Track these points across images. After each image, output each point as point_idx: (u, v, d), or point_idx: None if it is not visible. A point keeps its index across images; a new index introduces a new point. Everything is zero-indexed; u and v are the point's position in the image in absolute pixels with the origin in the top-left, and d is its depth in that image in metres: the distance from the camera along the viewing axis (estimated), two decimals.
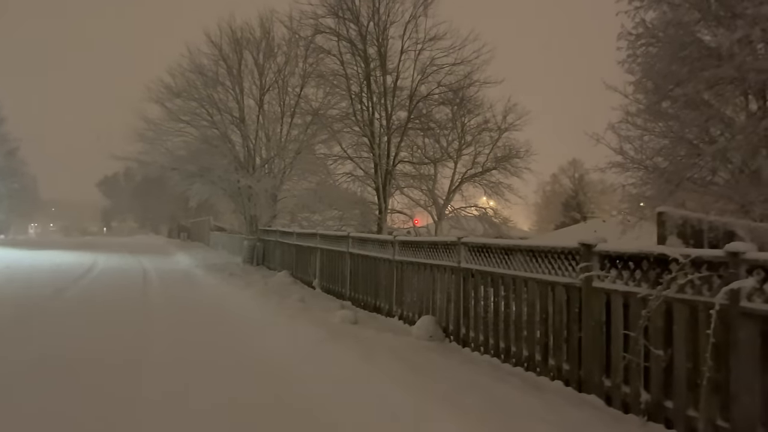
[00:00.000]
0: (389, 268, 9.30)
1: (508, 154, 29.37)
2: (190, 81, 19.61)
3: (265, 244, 19.09)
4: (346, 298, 11.16)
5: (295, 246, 15.10)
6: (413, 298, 8.46)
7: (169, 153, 19.53)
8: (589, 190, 54.35)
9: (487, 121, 28.99)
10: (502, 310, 6.29)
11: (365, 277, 10.34)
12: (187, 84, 19.57)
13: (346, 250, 11.29)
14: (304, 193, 21.35)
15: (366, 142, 25.70)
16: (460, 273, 7.14)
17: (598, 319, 4.85)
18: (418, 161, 27.58)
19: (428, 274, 8.04)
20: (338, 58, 24.07)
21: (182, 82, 19.63)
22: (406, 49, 25.59)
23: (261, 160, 20.75)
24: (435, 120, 27.69)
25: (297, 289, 12.93)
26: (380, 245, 9.74)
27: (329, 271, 12.32)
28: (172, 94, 19.30)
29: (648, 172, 15.85)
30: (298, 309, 9.51)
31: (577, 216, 48.21)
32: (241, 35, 20.24)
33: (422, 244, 8.25)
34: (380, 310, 9.58)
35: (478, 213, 30.66)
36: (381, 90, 25.44)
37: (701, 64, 9.08)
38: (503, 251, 6.25)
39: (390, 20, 25.08)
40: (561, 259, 5.35)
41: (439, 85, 26.01)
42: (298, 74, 21.22)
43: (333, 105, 23.73)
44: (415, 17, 25.13)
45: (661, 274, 4.22)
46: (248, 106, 20.71)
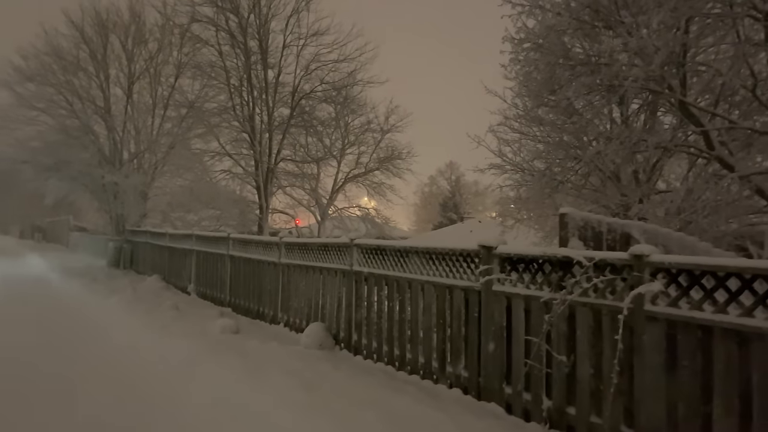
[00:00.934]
0: (274, 271, 8.72)
1: (391, 155, 29.72)
2: (45, 64, 17.46)
3: (133, 246, 17.52)
4: (225, 304, 10.39)
5: (168, 248, 13.94)
6: (301, 304, 7.96)
7: (19, 144, 17.26)
8: (465, 192, 56.55)
9: (370, 122, 29.12)
10: (397, 316, 6.00)
11: (247, 282, 9.66)
12: (42, 68, 17.41)
13: (225, 252, 10.50)
14: (179, 191, 19.92)
15: (246, 139, 24.64)
16: (352, 276, 6.76)
17: (498, 324, 4.68)
18: (301, 160, 27.00)
19: (317, 277, 7.58)
20: (217, 49, 22.83)
21: (36, 65, 17.44)
22: (289, 43, 24.93)
23: (129, 155, 19.04)
24: (318, 118, 27.28)
25: (170, 295, 11.88)
26: (265, 247, 9.12)
27: (207, 276, 11.43)
28: (24, 78, 17.07)
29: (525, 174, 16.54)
30: (172, 318, 8.64)
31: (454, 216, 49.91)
32: (107, 17, 18.44)
33: (311, 246, 7.78)
34: (264, 316, 8.96)
35: (361, 213, 30.73)
36: (262, 85, 24.54)
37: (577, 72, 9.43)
38: (399, 253, 5.96)
39: (272, 13, 24.28)
40: (460, 262, 5.15)
41: (323, 82, 25.62)
42: (173, 63, 19.75)
43: (211, 98, 22.47)
44: (297, 11, 24.53)
45: (564, 278, 4.11)
46: (115, 95, 18.91)
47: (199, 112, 20.96)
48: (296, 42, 24.87)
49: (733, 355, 3.13)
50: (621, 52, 8.77)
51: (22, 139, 17.41)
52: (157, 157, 18.73)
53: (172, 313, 9.13)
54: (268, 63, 24.33)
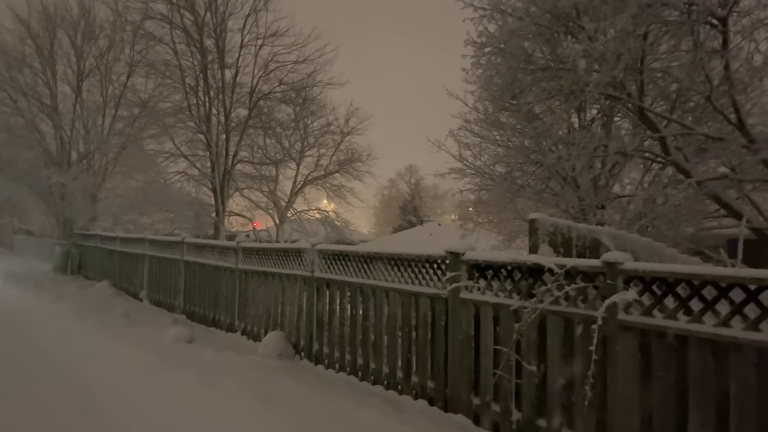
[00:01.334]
0: (231, 277, 8.39)
1: (351, 158, 29.51)
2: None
3: (82, 250, 16.77)
4: (179, 311, 9.97)
5: (119, 252, 13.35)
6: (259, 311, 7.66)
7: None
8: (424, 195, 56.74)
9: (330, 124, 28.88)
10: (360, 324, 5.79)
11: (202, 288, 9.28)
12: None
13: (180, 257, 10.09)
14: (131, 193, 19.19)
15: (202, 140, 24.03)
16: (313, 283, 6.51)
17: (466, 333, 4.53)
18: (259, 161, 26.50)
19: (277, 284, 7.30)
20: (171, 48, 22.20)
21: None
22: (246, 43, 24.48)
23: (78, 155, 18.21)
24: (277, 120, 26.87)
25: (121, 302, 11.35)
26: (221, 253, 8.78)
27: (160, 281, 10.97)
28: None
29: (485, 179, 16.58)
30: (122, 326, 8.20)
31: (414, 220, 50.00)
32: (55, 12, 17.60)
33: (271, 252, 7.49)
34: (220, 324, 8.61)
35: (321, 216, 30.40)
36: (219, 85, 24.00)
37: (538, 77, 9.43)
38: (363, 259, 5.75)
39: (229, 11, 23.79)
40: (426, 268, 4.98)
41: (281, 83, 25.24)
42: (125, 61, 19.04)
43: (165, 97, 21.80)
44: (255, 10, 24.12)
45: (534, 285, 3.99)
46: (63, 92, 18.07)
47: (153, 112, 20.29)
48: (254, 42, 24.45)
49: (709, 365, 3.05)
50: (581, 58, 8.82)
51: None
52: (107, 157, 17.99)
53: (123, 321, 8.69)
54: (225, 62, 23.82)
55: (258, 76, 24.83)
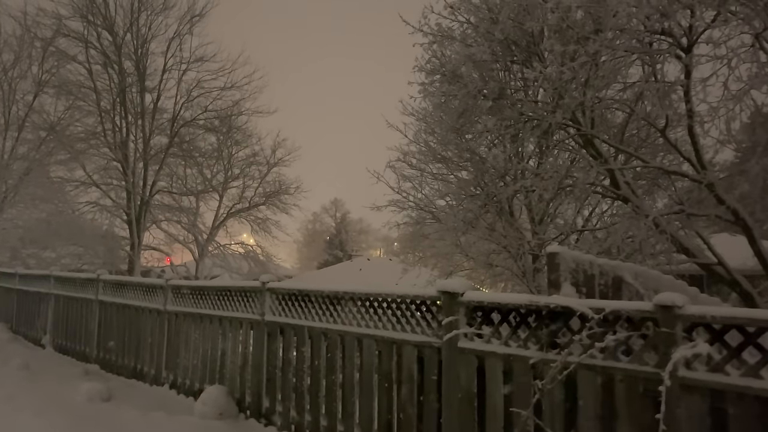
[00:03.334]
0: (158, 321, 7.22)
1: (278, 190, 28.48)
2: None
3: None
4: (92, 360, 8.58)
5: (17, 291, 11.63)
6: (193, 361, 6.55)
7: None
8: (350, 229, 55.99)
9: (256, 154, 27.81)
10: (324, 376, 4.90)
11: (122, 333, 8.00)
12: None
13: (94, 297, 8.74)
14: (34, 225, 17.19)
15: (118, 168, 22.27)
16: (263, 328, 5.56)
17: (466, 390, 3.78)
18: (179, 192, 24.89)
19: (216, 329, 6.26)
20: (86, 68, 20.52)
21: None
22: (170, 67, 23.16)
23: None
24: (199, 148, 25.52)
25: (18, 349, 9.73)
26: (146, 291, 7.59)
27: (68, 325, 9.50)
28: None
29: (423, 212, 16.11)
30: (22, 382, 6.80)
31: (340, 254, 49.02)
32: None
33: (209, 291, 6.45)
34: (144, 376, 7.37)
35: (244, 250, 28.98)
36: (138, 110, 22.44)
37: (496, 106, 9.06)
38: (328, 300, 4.90)
39: (152, 34, 22.48)
40: (411, 311, 4.21)
41: (206, 110, 23.99)
42: (32, 79, 17.29)
43: (76, 120, 20.06)
44: (179, 34, 22.92)
45: (558, 333, 3.32)
46: None
47: (62, 136, 18.53)
48: (178, 66, 23.16)
49: None
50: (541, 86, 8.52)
51: None
52: (7, 184, 16.05)
53: (22, 375, 7.27)
54: (145, 86, 22.34)
55: (181, 102, 23.49)
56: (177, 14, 22.37)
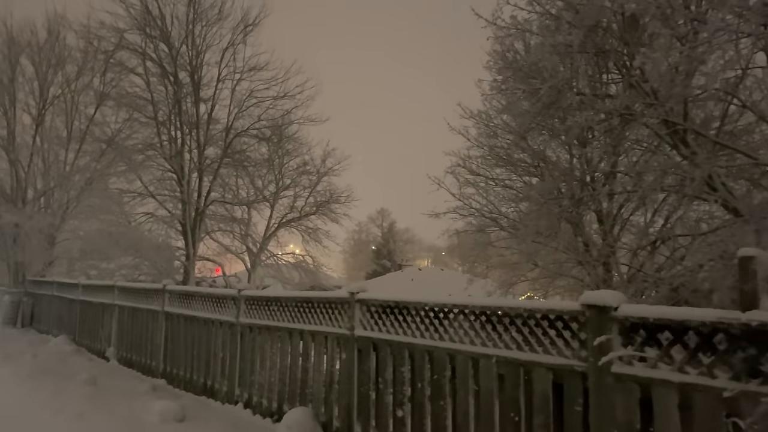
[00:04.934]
0: (230, 334, 6.77)
1: (329, 199, 28.14)
2: None
3: (35, 300, 14.70)
4: (158, 374, 8.21)
5: (80, 302, 11.48)
6: (271, 378, 6.05)
7: None
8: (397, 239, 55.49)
9: (306, 164, 27.57)
10: (429, 402, 4.29)
11: (190, 346, 7.59)
12: None
13: (159, 308, 8.39)
14: (95, 235, 17.24)
15: (173, 178, 22.34)
16: (353, 344, 5.00)
17: (627, 426, 3.10)
18: (234, 202, 24.85)
19: (296, 344, 5.75)
20: (144, 79, 20.67)
21: None
22: (224, 77, 23.15)
23: (35, 193, 16.32)
24: (251, 159, 25.42)
25: (83, 362, 9.51)
26: (216, 303, 7.16)
27: (133, 337, 9.20)
28: None
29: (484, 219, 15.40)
30: (90, 399, 6.44)
31: (388, 264, 48.48)
32: (20, 35, 15.98)
33: (287, 302, 5.94)
34: (215, 393, 6.92)
35: (295, 260, 28.76)
36: (193, 120, 22.47)
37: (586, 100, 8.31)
38: (433, 313, 4.30)
39: (206, 44, 22.52)
40: (544, 328, 3.57)
41: (259, 119, 23.86)
42: (93, 91, 17.42)
43: (134, 132, 20.13)
44: (233, 44, 22.91)
45: (761, 358, 2.63)
46: (22, 123, 16.30)
47: (121, 148, 18.61)
48: (232, 76, 23.14)
49: None
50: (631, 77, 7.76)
51: None
52: (69, 194, 16.13)
53: (89, 391, 6.92)
54: (200, 97, 22.39)
55: (234, 113, 23.46)
56: (231, 24, 22.40)
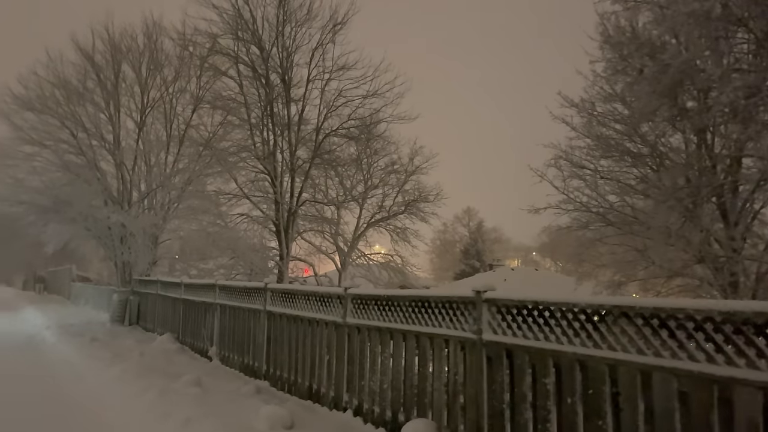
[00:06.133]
0: (336, 335, 6.35)
1: (417, 198, 27.63)
2: (48, 93, 15.53)
3: (141, 299, 15.19)
4: (261, 375, 7.98)
5: (183, 301, 11.59)
6: (383, 385, 5.54)
7: (17, 182, 15.15)
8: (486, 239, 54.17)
9: (394, 163, 27.20)
10: (582, 422, 3.61)
11: (293, 347, 7.27)
12: (44, 96, 15.47)
13: (261, 307, 8.15)
14: (195, 235, 17.64)
15: (266, 179, 22.61)
16: (481, 349, 4.39)
17: None
18: (326, 201, 24.91)
19: (412, 348, 5.21)
20: (236, 81, 21.03)
21: (38, 94, 15.50)
22: (313, 78, 23.12)
23: (139, 194, 16.91)
24: (340, 158, 25.33)
25: (187, 361, 9.50)
26: (320, 302, 6.77)
27: (235, 336, 9.05)
28: (23, 107, 15.09)
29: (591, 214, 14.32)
30: (196, 402, 6.22)
31: (477, 264, 47.33)
32: (121, 41, 16.62)
33: (399, 302, 5.42)
34: (321, 398, 6.53)
35: (384, 260, 28.47)
36: (284, 122, 22.65)
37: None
38: (584, 315, 3.61)
39: (296, 45, 22.58)
40: (748, 335, 2.80)
41: (349, 118, 23.67)
42: (190, 94, 17.87)
43: (228, 134, 20.51)
44: (322, 44, 22.83)
45: None
46: (125, 128, 16.94)
47: (216, 150, 18.98)
48: (321, 76, 23.08)
49: None
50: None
51: (19, 178, 15.30)
52: (170, 196, 16.57)
53: (195, 392, 6.72)
54: (290, 98, 22.52)
55: (324, 113, 23.43)
56: (320, 24, 22.33)
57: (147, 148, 16.97)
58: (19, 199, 15.37)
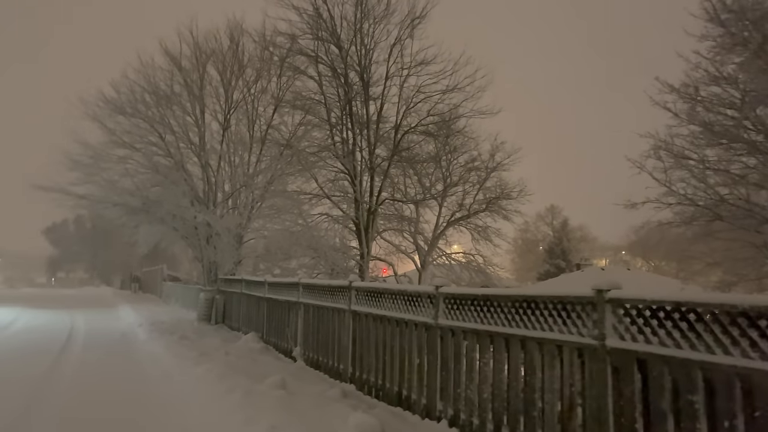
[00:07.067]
0: (428, 337, 5.85)
1: (500, 195, 26.58)
2: (139, 96, 16.08)
3: (226, 297, 15.35)
4: (346, 378, 7.61)
5: (266, 300, 11.50)
6: (483, 394, 4.98)
7: (110, 184, 15.76)
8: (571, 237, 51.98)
9: (474, 160, 26.30)
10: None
11: (380, 349, 6.84)
12: (135, 100, 16.02)
13: (346, 306, 7.80)
14: (278, 235, 17.70)
15: (346, 179, 22.49)
16: (604, 358, 3.75)
17: None
18: (407, 200, 24.49)
19: (516, 353, 4.62)
20: (316, 81, 21.04)
21: (129, 97, 16.08)
22: (391, 74, 22.73)
23: (224, 194, 17.17)
24: (418, 156, 24.79)
25: (271, 362, 9.33)
26: (409, 301, 6.30)
27: (319, 337, 8.77)
28: (115, 111, 15.68)
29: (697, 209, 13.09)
30: (280, 405, 5.90)
31: (562, 264, 45.40)
32: (205, 44, 16.96)
33: (500, 302, 4.85)
34: (411, 405, 6.05)
35: (465, 259, 27.65)
36: (363, 120, 22.43)
37: None
38: (749, 320, 2.92)
39: (374, 42, 22.29)
40: None
41: (429, 114, 23.10)
42: (271, 94, 17.97)
43: (306, 133, 20.52)
44: (400, 40, 22.41)
45: None
46: (210, 129, 17.26)
47: (296, 150, 19.01)
48: (399, 72, 22.65)
49: None
50: None
51: (111, 179, 15.90)
52: (253, 195, 16.70)
53: (280, 395, 6.42)
54: (369, 96, 22.29)
55: (403, 110, 23.00)
56: (398, 19, 21.93)
57: (231, 148, 17.19)
58: (112, 201, 15.95)
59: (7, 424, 5.73)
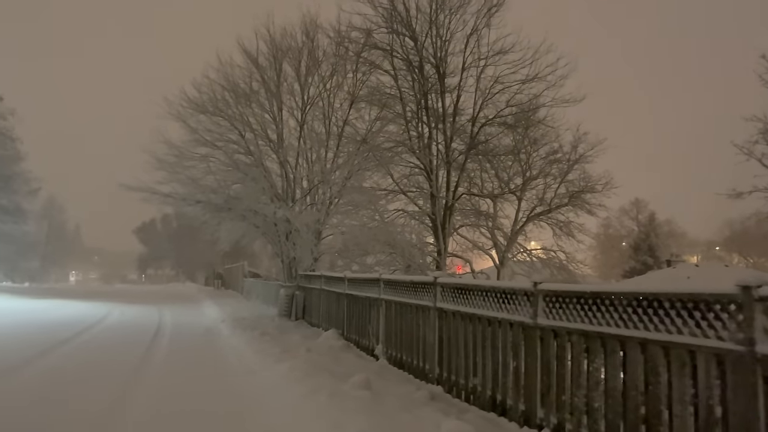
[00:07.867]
0: (525, 338, 5.36)
1: (583, 188, 25.21)
2: (219, 95, 16.40)
3: (306, 294, 15.34)
4: (432, 379, 7.22)
5: (346, 296, 11.30)
6: (594, 403, 4.45)
7: (193, 182, 16.16)
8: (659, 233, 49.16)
9: (555, 152, 25.06)
10: None
11: (470, 350, 6.40)
12: (215, 99, 16.36)
13: (431, 304, 7.40)
14: (356, 230, 17.56)
15: (421, 174, 22.05)
16: (753, 368, 3.16)
17: None
18: (485, 194, 23.74)
19: (634, 358, 4.06)
20: (391, 74, 20.71)
21: (210, 96, 16.43)
22: (468, 65, 22.04)
23: (302, 191, 17.22)
24: (496, 149, 23.90)
25: (353, 360, 9.08)
26: (502, 299, 5.82)
27: (402, 335, 8.42)
28: (197, 110, 16.08)
29: None
30: (366, 407, 5.59)
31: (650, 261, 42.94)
32: (281, 41, 17.05)
33: (613, 299, 4.30)
34: (507, 411, 5.58)
35: (546, 255, 26.48)
36: (439, 113, 21.90)
37: None
38: None
39: (450, 33, 21.69)
40: None
41: (508, 104, 22.22)
42: (346, 89, 17.86)
43: (382, 128, 20.26)
44: (477, 29, 21.67)
45: None
46: (288, 126, 17.36)
47: (372, 146, 18.81)
48: (476, 63, 21.93)
49: None
50: None
51: (194, 177, 16.29)
52: (331, 191, 16.64)
53: (366, 396, 6.11)
54: (445, 88, 21.73)
55: (480, 102, 22.26)
56: (474, 8, 21.24)
57: (308, 145, 17.21)
58: (195, 198, 16.35)
59: (103, 408, 5.95)
